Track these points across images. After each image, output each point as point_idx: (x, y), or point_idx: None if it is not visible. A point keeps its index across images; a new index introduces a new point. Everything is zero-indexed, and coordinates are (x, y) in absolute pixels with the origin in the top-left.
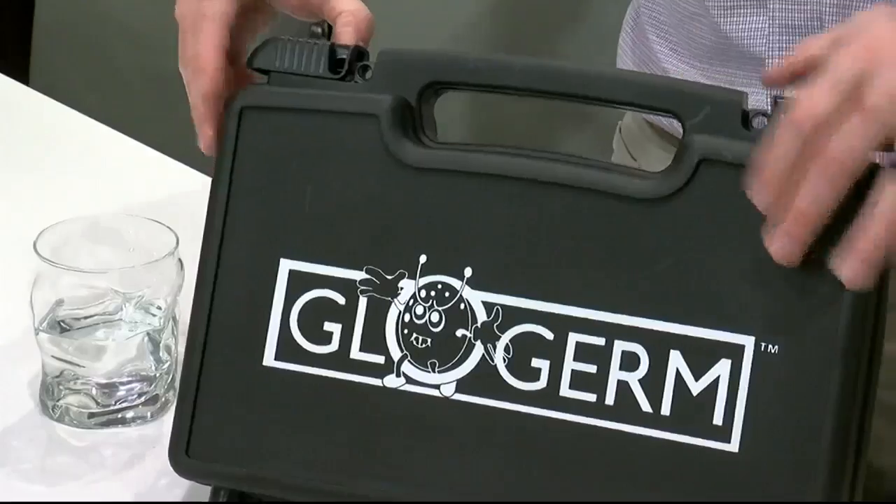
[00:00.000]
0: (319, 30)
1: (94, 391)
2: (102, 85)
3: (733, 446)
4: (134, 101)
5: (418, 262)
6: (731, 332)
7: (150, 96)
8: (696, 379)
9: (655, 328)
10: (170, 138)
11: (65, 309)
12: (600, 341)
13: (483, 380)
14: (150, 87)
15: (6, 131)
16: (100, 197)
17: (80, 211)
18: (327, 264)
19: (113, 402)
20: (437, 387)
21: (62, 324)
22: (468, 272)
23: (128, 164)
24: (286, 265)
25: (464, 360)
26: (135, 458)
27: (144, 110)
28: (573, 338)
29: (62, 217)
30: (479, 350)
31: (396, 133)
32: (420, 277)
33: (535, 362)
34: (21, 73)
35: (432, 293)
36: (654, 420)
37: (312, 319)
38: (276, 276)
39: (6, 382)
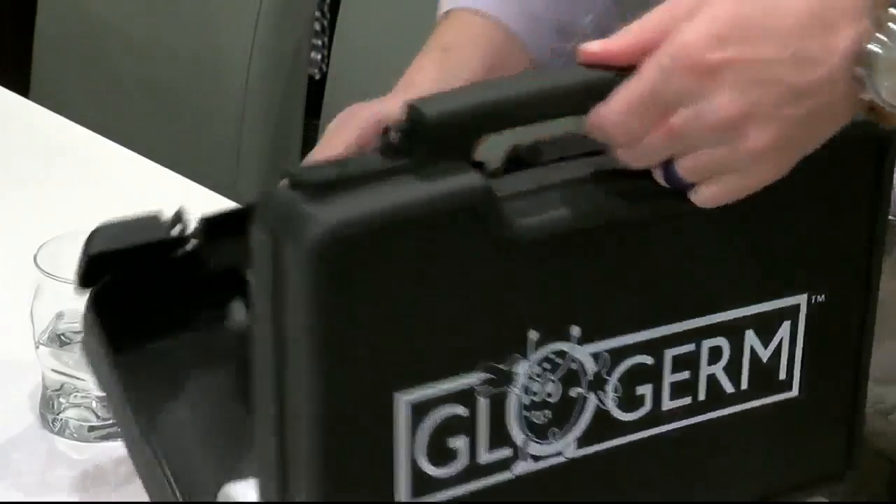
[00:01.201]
0: None
1: (94, 404)
2: (103, 97)
3: (794, 392)
4: (135, 113)
5: (529, 339)
6: (789, 295)
7: (152, 109)
8: (766, 347)
9: (733, 317)
10: (171, 150)
11: (65, 322)
12: (691, 347)
13: (600, 427)
14: (152, 100)
15: (6, 144)
16: (100, 209)
17: (81, 223)
18: (441, 379)
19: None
20: (560, 453)
21: (62, 337)
22: (575, 331)
23: (128, 176)
24: (400, 398)
25: (580, 416)
26: (134, 472)
27: (145, 123)
28: (669, 354)
29: (63, 230)
30: (592, 402)
31: (495, 210)
32: (533, 354)
33: (639, 390)
34: (21, 86)
35: (546, 365)
36: (736, 397)
37: (437, 442)
38: (393, 411)
39: (6, 396)
